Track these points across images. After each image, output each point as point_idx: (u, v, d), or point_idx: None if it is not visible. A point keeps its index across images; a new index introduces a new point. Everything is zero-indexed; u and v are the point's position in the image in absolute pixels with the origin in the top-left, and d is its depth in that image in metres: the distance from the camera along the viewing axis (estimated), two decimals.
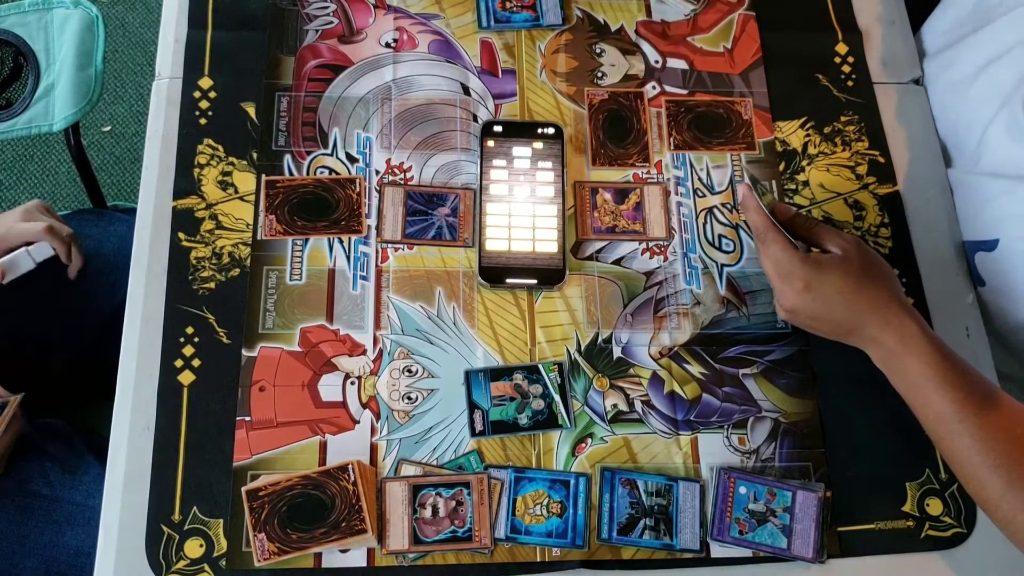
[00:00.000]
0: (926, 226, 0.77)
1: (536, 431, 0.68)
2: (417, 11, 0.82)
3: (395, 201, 0.74)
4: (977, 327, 0.74)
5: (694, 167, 0.78)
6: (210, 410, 0.67)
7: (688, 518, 0.66)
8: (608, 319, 0.72)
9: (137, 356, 0.68)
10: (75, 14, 0.92)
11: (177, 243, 0.71)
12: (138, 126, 1.63)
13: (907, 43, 0.85)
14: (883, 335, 0.61)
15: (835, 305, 0.63)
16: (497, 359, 0.70)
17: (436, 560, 0.64)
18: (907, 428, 0.64)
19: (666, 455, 0.68)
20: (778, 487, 0.67)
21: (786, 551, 0.65)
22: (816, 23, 0.84)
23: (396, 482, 0.65)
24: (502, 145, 0.75)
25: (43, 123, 0.91)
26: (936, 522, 0.68)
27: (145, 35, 1.71)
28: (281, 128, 0.76)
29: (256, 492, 0.63)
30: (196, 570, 0.63)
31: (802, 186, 0.78)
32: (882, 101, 0.81)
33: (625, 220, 0.75)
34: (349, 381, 0.68)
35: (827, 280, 0.62)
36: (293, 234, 0.72)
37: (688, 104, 0.80)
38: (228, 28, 0.79)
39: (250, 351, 0.68)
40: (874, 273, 0.63)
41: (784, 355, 0.72)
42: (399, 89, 0.78)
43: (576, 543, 0.65)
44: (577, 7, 0.83)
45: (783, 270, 0.64)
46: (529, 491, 0.66)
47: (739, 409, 0.70)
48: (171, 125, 0.75)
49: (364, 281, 0.72)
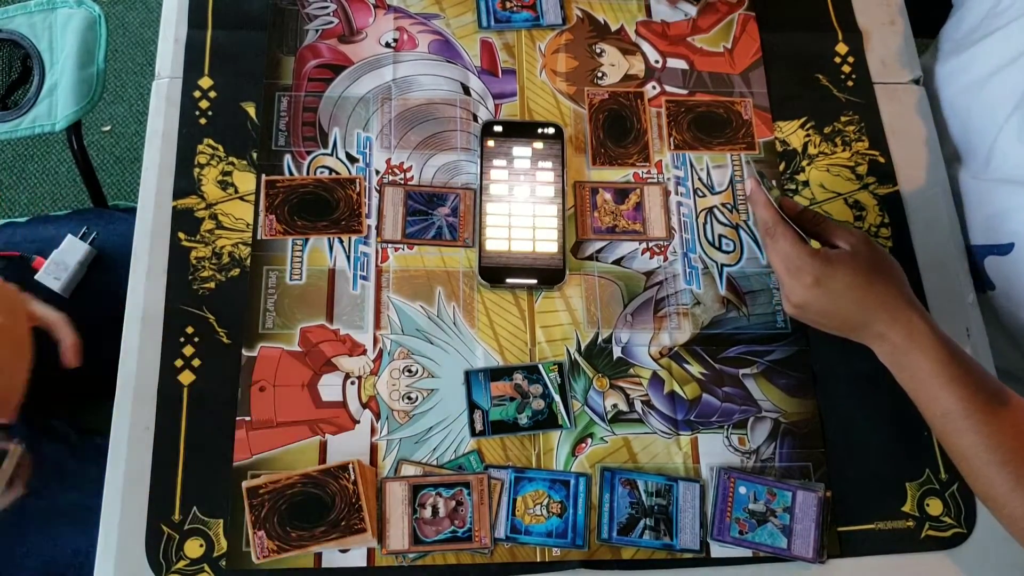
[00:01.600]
0: (926, 226, 0.77)
1: (536, 431, 0.68)
2: (417, 11, 0.82)
3: (395, 201, 0.74)
4: (977, 327, 0.74)
5: (694, 167, 0.78)
6: (210, 410, 0.67)
7: (688, 518, 0.66)
8: (608, 319, 0.72)
9: (137, 356, 0.68)
10: (78, 13, 0.92)
11: (177, 243, 0.71)
12: (138, 126, 1.64)
13: (907, 43, 0.84)
14: (890, 331, 0.61)
15: (844, 301, 0.62)
16: (497, 359, 0.70)
17: (436, 560, 0.64)
18: (907, 428, 0.64)
19: (666, 455, 0.68)
20: (778, 487, 0.67)
21: (786, 551, 0.65)
22: (816, 23, 0.84)
23: (396, 482, 0.65)
24: (502, 145, 0.75)
25: (46, 123, 0.91)
26: (936, 522, 0.68)
27: (145, 35, 1.71)
28: (281, 128, 0.76)
29: (256, 490, 0.63)
30: (196, 570, 0.63)
31: (802, 186, 0.78)
32: (882, 101, 0.81)
33: (625, 220, 0.75)
34: (349, 381, 0.68)
35: (837, 275, 0.62)
36: (293, 234, 0.72)
37: (688, 104, 0.80)
38: (228, 28, 0.79)
39: (250, 351, 0.68)
40: (883, 269, 0.63)
41: (784, 355, 0.72)
42: (399, 89, 0.78)
43: (576, 543, 0.65)
44: (577, 7, 0.83)
45: (792, 265, 0.63)
46: (529, 491, 0.66)
47: (739, 409, 0.70)
48: (171, 125, 0.75)
49: (364, 281, 0.72)
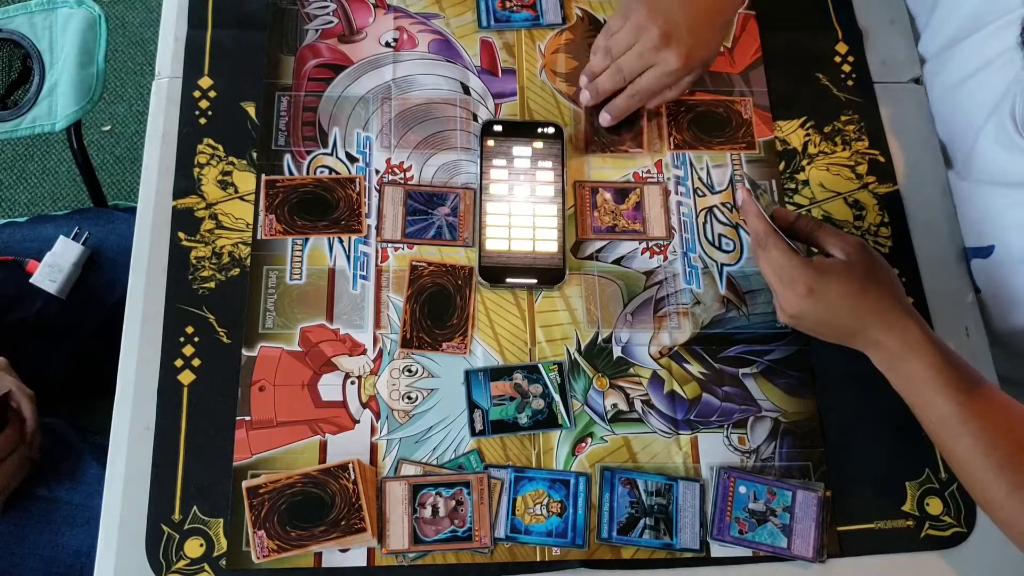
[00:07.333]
0: (926, 226, 0.77)
1: (536, 431, 0.68)
2: (417, 11, 0.82)
3: (395, 200, 0.74)
4: (977, 327, 0.74)
5: (694, 166, 0.78)
6: (210, 410, 0.67)
7: (688, 518, 0.66)
8: (608, 319, 0.72)
9: (137, 356, 0.68)
10: (78, 13, 0.92)
11: (177, 243, 0.71)
12: (138, 125, 1.63)
13: (907, 43, 0.84)
14: (885, 338, 0.61)
15: (839, 309, 0.62)
16: (497, 359, 0.70)
17: (436, 560, 0.64)
18: (907, 428, 0.64)
19: (666, 455, 0.68)
20: (778, 487, 0.67)
21: (786, 551, 0.65)
22: (816, 22, 0.84)
23: (396, 482, 0.65)
24: (502, 145, 0.75)
25: (46, 122, 0.91)
26: (936, 522, 0.68)
27: (145, 34, 1.71)
28: (281, 128, 0.76)
29: (256, 489, 0.63)
30: (196, 570, 0.63)
31: (802, 185, 0.78)
32: (882, 100, 0.81)
33: (625, 220, 0.75)
34: (349, 381, 0.68)
35: (831, 284, 0.62)
36: (293, 234, 0.72)
37: (688, 103, 0.80)
38: (228, 27, 0.79)
39: (250, 351, 0.68)
40: (878, 276, 0.63)
41: (784, 355, 0.72)
42: (399, 88, 0.78)
43: (576, 543, 0.65)
44: (577, 6, 0.83)
45: (785, 275, 0.63)
46: (529, 491, 0.66)
47: (739, 409, 0.70)
48: (171, 125, 0.75)
49: (364, 280, 0.72)
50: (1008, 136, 0.69)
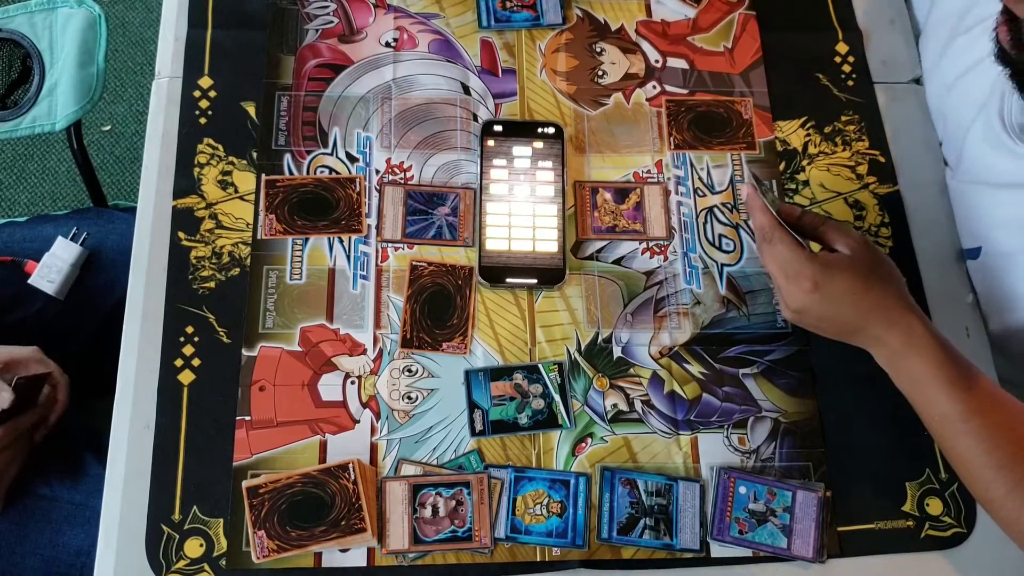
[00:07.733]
0: (926, 226, 0.77)
1: (536, 431, 0.68)
2: (417, 10, 0.82)
3: (395, 200, 0.74)
4: (977, 327, 0.74)
5: (694, 167, 0.78)
6: (210, 410, 0.67)
7: (688, 518, 0.66)
8: (608, 319, 0.72)
9: (137, 355, 0.68)
10: (78, 13, 0.92)
11: (177, 242, 0.71)
12: (138, 125, 1.63)
13: (907, 43, 0.84)
14: (888, 335, 0.61)
15: (843, 305, 0.62)
16: (497, 359, 0.70)
17: (436, 560, 0.64)
18: (907, 428, 0.64)
19: (666, 455, 0.68)
20: (778, 487, 0.67)
21: (786, 551, 0.65)
22: (816, 23, 0.84)
23: (396, 482, 0.65)
24: (502, 144, 0.75)
25: (46, 122, 0.91)
26: (936, 522, 0.68)
27: (145, 34, 1.70)
28: (281, 127, 0.76)
29: (256, 489, 0.63)
30: (196, 570, 0.63)
31: (802, 186, 0.78)
32: (882, 101, 0.81)
33: (625, 220, 0.75)
34: (349, 381, 0.68)
35: (835, 279, 0.61)
36: (293, 233, 0.72)
37: (688, 104, 0.80)
38: (228, 27, 0.79)
39: (250, 351, 0.68)
40: (882, 273, 0.63)
41: (784, 355, 0.72)
42: (399, 88, 0.78)
43: (576, 543, 0.65)
44: (577, 6, 0.83)
45: (791, 270, 0.62)
46: (529, 491, 0.66)
47: (739, 409, 0.70)
48: (171, 124, 0.75)
49: (364, 280, 0.72)
50: (995, 135, 0.69)
